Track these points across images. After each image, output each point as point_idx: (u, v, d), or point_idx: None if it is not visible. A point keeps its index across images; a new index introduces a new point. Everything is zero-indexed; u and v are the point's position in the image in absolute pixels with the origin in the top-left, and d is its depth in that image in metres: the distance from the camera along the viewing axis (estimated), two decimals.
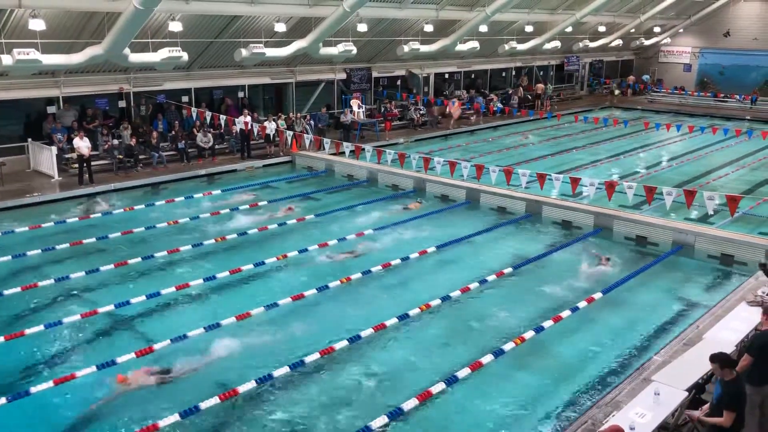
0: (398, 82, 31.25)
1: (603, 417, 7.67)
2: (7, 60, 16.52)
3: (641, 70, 44.43)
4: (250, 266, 12.94)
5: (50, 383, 8.63)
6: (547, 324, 10.67)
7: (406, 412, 8.33)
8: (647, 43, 42.59)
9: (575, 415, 8.33)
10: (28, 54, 16.61)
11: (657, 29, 41.58)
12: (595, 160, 24.08)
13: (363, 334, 10.24)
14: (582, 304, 11.45)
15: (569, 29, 33.71)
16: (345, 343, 9.96)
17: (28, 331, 10.15)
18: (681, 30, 41.99)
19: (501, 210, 17.44)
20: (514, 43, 32.50)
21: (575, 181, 16.19)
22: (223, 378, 9.22)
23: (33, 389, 8.51)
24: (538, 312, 11.36)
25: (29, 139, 20.01)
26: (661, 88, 41.70)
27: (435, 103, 29.90)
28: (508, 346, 9.96)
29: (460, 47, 29.28)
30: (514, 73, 37.57)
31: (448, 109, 29.31)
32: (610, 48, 40.31)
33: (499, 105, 32.02)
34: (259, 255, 13.54)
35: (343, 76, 27.92)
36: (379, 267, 12.98)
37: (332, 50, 24.43)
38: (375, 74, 29.29)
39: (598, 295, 11.81)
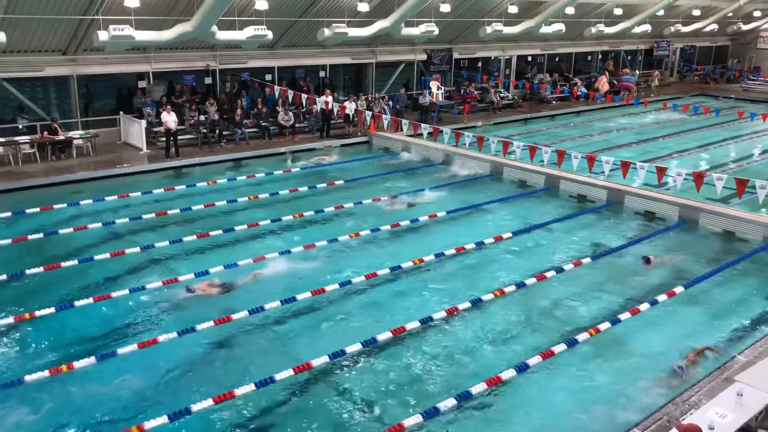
0: (479, 64, 30.83)
1: (680, 414, 7.43)
2: (103, 36, 17.27)
3: (736, 57, 42.16)
4: (324, 242, 13.14)
5: (134, 346, 9.05)
6: (624, 316, 10.37)
7: (474, 396, 8.30)
8: (745, 28, 40.32)
9: (650, 411, 8.08)
10: (122, 30, 17.32)
11: (757, 13, 39.25)
12: (683, 149, 23.08)
13: (435, 316, 10.24)
14: (662, 297, 11.05)
15: (661, 12, 32.29)
16: (416, 323, 9.99)
17: (114, 294, 10.67)
18: None
19: (581, 198, 17.00)
20: (601, 26, 31.44)
21: (661, 171, 15.58)
22: (297, 353, 9.43)
23: (119, 350, 8.95)
24: (616, 303, 11.06)
25: (121, 113, 20.91)
26: (758, 76, 39.41)
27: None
28: (582, 337, 9.75)
29: (545, 29, 28.57)
30: (600, 57, 36.38)
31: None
32: (703, 33, 38.40)
33: (583, 90, 31.13)
34: (334, 231, 13.72)
35: (424, 57, 27.75)
36: (453, 250, 12.91)
37: (414, 30, 24.31)
38: (456, 56, 28.97)
39: (679, 290, 11.38)
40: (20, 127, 19.19)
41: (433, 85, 26.38)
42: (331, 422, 8.02)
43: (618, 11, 30.91)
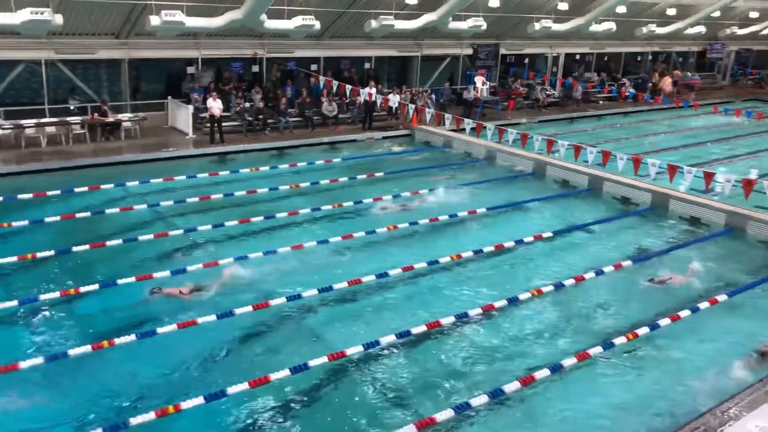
0: (526, 61, 30.50)
1: (718, 425, 7.28)
2: (155, 21, 17.61)
3: None
4: (362, 233, 13.20)
5: (174, 326, 9.24)
6: (664, 322, 10.18)
7: (506, 394, 8.26)
8: None
9: (686, 420, 7.93)
10: (173, 16, 17.65)
11: None
12: (732, 155, 22.48)
13: (470, 312, 10.21)
14: (704, 305, 10.81)
15: (716, 14, 31.43)
16: (452, 319, 9.98)
17: (156, 275, 10.89)
18: None
19: (624, 200, 16.71)
20: (653, 26, 30.76)
21: (709, 176, 15.22)
22: (332, 341, 9.52)
23: (159, 330, 9.15)
24: (655, 308, 10.85)
25: (169, 97, 21.30)
26: None
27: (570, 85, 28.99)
28: (620, 340, 9.61)
29: (595, 28, 28.11)
30: (650, 57, 35.63)
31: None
32: (761, 36, 37.26)
33: (632, 90, 30.53)
34: (371, 224, 13.77)
35: (470, 51, 27.56)
36: (491, 247, 12.84)
37: (461, 25, 24.17)
38: (503, 51, 28.70)
39: (722, 298, 11.11)
40: (72, 108, 19.70)
41: (478, 80, 26.18)
42: (362, 411, 8.08)
43: (671, 11, 30.22)
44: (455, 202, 15.70)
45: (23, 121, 18.16)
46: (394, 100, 21.96)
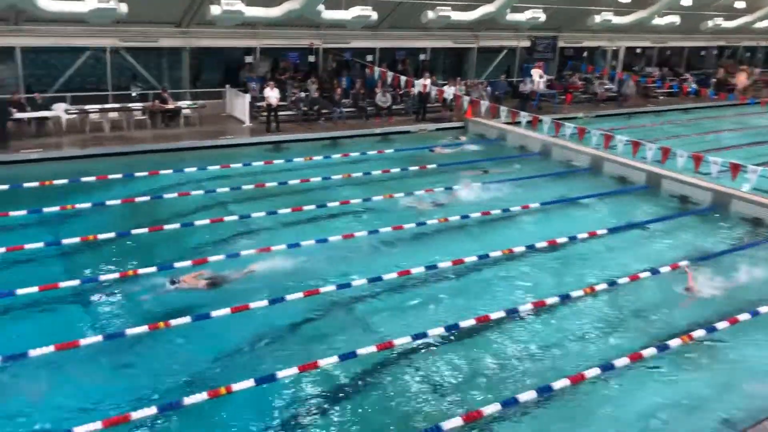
0: (584, 54, 29.89)
1: None
2: (215, 10, 17.94)
3: None
4: (413, 225, 13.20)
5: (228, 310, 9.45)
6: (722, 325, 9.88)
7: (555, 391, 8.17)
8: None
9: (742, 426, 7.71)
10: (233, 5, 17.95)
11: None
12: None
13: (521, 308, 10.13)
14: (764, 309, 10.45)
15: None
16: (501, 313, 9.91)
17: (210, 259, 11.15)
18: None
19: (683, 199, 16.25)
20: (719, 20, 29.70)
21: None
22: (380, 331, 9.58)
23: (213, 313, 9.37)
24: (712, 311, 10.55)
25: (227, 86, 21.68)
26: None
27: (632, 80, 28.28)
28: (675, 342, 9.37)
29: (658, 21, 27.35)
30: (716, 52, 34.43)
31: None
32: None
33: (694, 86, 29.60)
34: (422, 216, 13.75)
35: (527, 44, 27.18)
36: (544, 243, 12.68)
37: (519, 16, 23.85)
38: (561, 44, 28.20)
39: None
40: (133, 94, 20.26)
41: (535, 72, 25.81)
42: (409, 401, 8.13)
43: (740, 4, 29.10)
44: (508, 196, 15.54)
45: (88, 107, 18.77)
46: (448, 91, 21.84)
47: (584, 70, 28.78)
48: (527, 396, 7.94)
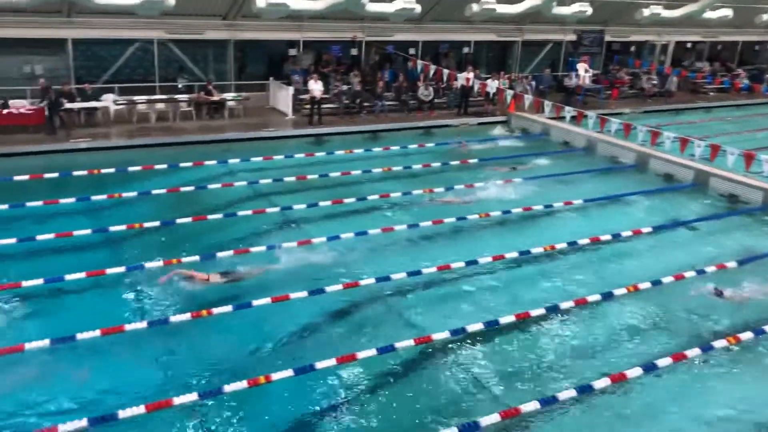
0: (632, 48, 29.28)
1: None
2: (260, 2, 18.13)
3: None
4: (453, 219, 13.13)
5: (268, 299, 9.55)
6: None
7: (595, 390, 8.06)
8: None
9: None
10: None
11: None
12: None
13: (562, 305, 9.99)
14: None
15: None
16: (542, 311, 9.80)
17: (252, 250, 11.29)
18: None
19: (732, 198, 15.80)
20: None
21: None
22: (415, 323, 9.58)
23: (254, 302, 9.48)
24: (760, 313, 10.25)
25: (271, 78, 21.88)
26: None
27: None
28: (720, 344, 9.15)
29: (709, 14, 26.61)
30: None
31: None
32: None
33: (746, 82, 28.73)
34: (462, 211, 13.67)
35: (573, 37, 26.74)
36: (587, 240, 12.49)
37: (565, 10, 23.50)
38: (608, 38, 27.66)
39: None
40: (180, 86, 20.59)
41: (581, 67, 25.38)
42: (447, 396, 8.12)
43: None
44: (551, 192, 15.34)
45: (136, 98, 19.16)
46: (492, 85, 21.65)
47: (631, 65, 28.19)
48: (567, 395, 7.86)
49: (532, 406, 7.57)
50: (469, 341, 9.19)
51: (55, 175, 13.91)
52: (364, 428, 7.50)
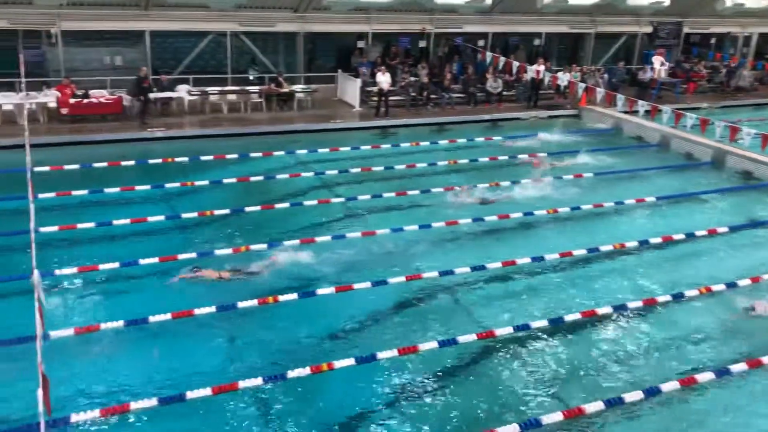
0: (712, 41, 28.09)
1: None
2: None
3: None
4: (520, 214, 12.96)
5: (332, 289, 9.67)
6: None
7: (664, 393, 7.82)
8: None
9: None
10: None
11: None
12: None
13: (630, 305, 9.72)
14: None
15: None
16: (609, 309, 9.57)
17: (318, 239, 11.44)
18: None
19: None
20: None
21: None
22: (478, 317, 9.51)
23: (318, 291, 9.62)
24: None
25: (339, 70, 22.05)
26: None
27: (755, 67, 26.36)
28: None
29: None
30: None
31: None
32: None
33: None
34: (529, 206, 13.47)
35: (649, 29, 25.85)
36: (659, 239, 12.09)
37: (642, 1, 22.74)
38: (686, 30, 26.62)
39: None
40: (251, 77, 21.01)
41: (656, 60, 24.51)
42: (508, 391, 8.04)
43: None
44: (621, 188, 14.95)
45: (209, 89, 19.67)
46: (563, 78, 21.19)
47: (711, 58, 27.06)
48: (633, 396, 7.66)
49: (596, 406, 7.42)
50: (532, 338, 9.07)
51: (132, 162, 14.44)
52: (423, 420, 7.51)
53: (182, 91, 19.38)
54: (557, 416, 7.20)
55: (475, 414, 7.67)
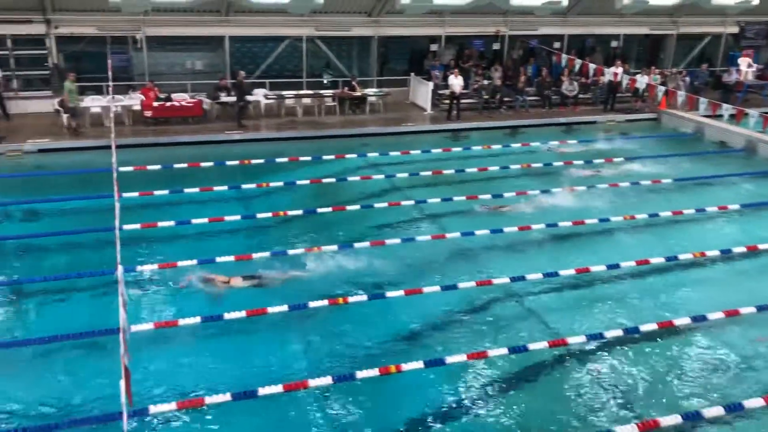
0: None
1: None
2: None
3: None
4: (595, 221, 12.65)
5: (401, 292, 9.69)
6: None
7: (746, 410, 7.47)
8: None
9: None
10: None
11: None
12: None
13: (710, 316, 9.32)
14: None
15: None
16: (687, 320, 9.22)
17: (387, 242, 11.50)
18: None
19: None
20: None
21: None
22: (550, 325, 9.36)
23: (388, 293, 9.66)
24: None
25: (411, 74, 22.12)
26: None
27: None
28: None
29: None
30: None
31: None
32: None
33: None
34: (605, 212, 13.14)
35: (735, 29, 24.77)
36: (743, 248, 11.56)
37: (727, 0, 21.77)
38: None
39: None
40: (325, 81, 21.35)
41: (743, 62, 23.47)
42: (581, 401, 7.87)
43: None
44: (703, 195, 14.38)
45: (285, 93, 20.10)
46: (641, 81, 20.57)
47: None
48: (713, 412, 7.35)
49: (673, 420, 7.17)
50: (606, 347, 8.85)
51: (211, 164, 14.91)
52: (489, 428, 7.43)
53: (259, 95, 19.87)
54: (632, 428, 6.99)
55: (542, 423, 7.53)
